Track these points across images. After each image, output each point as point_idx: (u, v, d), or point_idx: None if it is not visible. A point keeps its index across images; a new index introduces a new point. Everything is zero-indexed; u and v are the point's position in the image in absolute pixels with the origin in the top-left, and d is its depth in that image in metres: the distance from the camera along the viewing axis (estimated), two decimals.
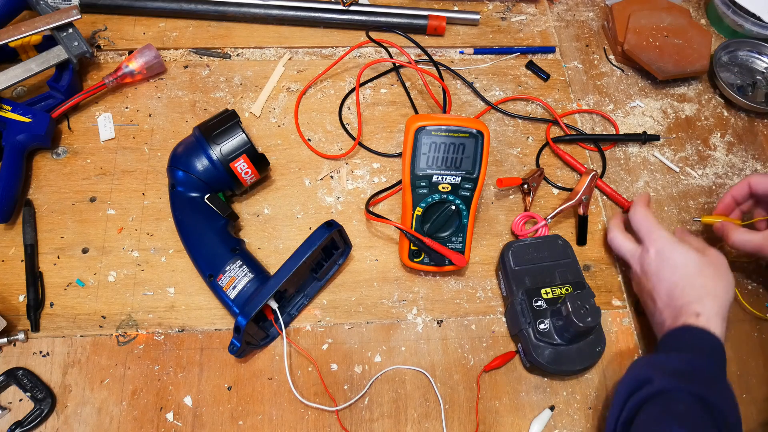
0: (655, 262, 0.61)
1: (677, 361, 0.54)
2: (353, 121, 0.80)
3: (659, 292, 0.60)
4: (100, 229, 0.70)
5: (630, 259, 0.65)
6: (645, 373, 0.54)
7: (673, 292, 0.59)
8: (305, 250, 0.60)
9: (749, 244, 0.65)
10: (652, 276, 0.61)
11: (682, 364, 0.54)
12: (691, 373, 0.53)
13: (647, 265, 0.62)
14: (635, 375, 0.56)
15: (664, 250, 0.61)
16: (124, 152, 0.75)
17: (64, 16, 0.74)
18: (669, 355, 0.56)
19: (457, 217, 0.66)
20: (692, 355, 0.54)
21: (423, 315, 0.68)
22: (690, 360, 0.54)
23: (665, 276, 0.60)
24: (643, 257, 0.63)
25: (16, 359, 0.62)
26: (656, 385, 0.52)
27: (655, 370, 0.54)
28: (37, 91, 0.78)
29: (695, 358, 0.54)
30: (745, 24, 0.88)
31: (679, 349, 0.56)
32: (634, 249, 0.65)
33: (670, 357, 0.55)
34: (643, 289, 0.64)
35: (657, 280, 0.61)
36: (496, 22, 0.91)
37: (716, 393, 0.52)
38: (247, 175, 0.68)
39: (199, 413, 0.61)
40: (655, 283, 0.61)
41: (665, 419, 0.50)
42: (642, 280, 0.63)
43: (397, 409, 0.62)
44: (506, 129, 0.81)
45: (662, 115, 0.84)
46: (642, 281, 0.63)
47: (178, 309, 0.66)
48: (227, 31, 0.86)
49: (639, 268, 0.64)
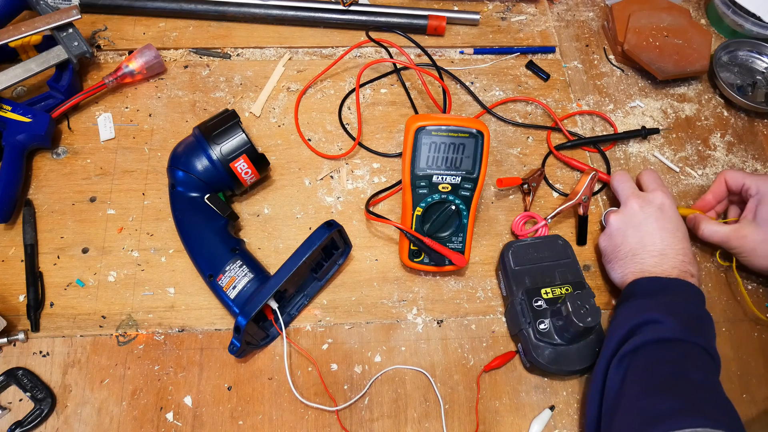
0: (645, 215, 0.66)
1: (682, 307, 0.58)
2: (353, 121, 0.80)
3: (625, 243, 0.65)
4: (100, 229, 0.70)
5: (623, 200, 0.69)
6: (651, 315, 0.57)
7: (639, 242, 0.64)
8: (305, 250, 0.60)
9: (716, 234, 0.68)
10: (621, 231, 0.66)
11: (689, 313, 0.57)
12: (696, 321, 0.57)
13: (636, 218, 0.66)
14: (636, 316, 0.58)
15: (664, 202, 0.66)
16: (124, 152, 0.75)
17: (64, 16, 0.74)
18: (671, 299, 0.59)
19: (457, 217, 0.66)
20: (688, 303, 0.59)
21: (423, 315, 0.68)
22: (690, 308, 0.58)
23: (631, 233, 0.65)
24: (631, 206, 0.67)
25: (16, 359, 0.62)
26: (667, 327, 0.55)
27: (665, 312, 0.56)
28: (37, 91, 0.78)
29: (692, 306, 0.59)
30: (745, 24, 0.88)
31: (673, 295, 0.59)
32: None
33: (674, 303, 0.58)
34: (624, 240, 0.66)
35: (637, 228, 0.65)
36: (496, 22, 0.91)
37: (712, 339, 0.58)
38: (247, 175, 0.68)
39: (199, 413, 0.61)
40: (624, 236, 0.66)
41: (683, 361, 0.53)
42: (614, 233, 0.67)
43: (397, 409, 0.62)
44: (506, 129, 0.81)
45: (662, 115, 0.84)
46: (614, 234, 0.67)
47: (178, 309, 0.66)
48: (227, 31, 0.86)
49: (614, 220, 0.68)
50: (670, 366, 0.53)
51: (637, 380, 0.53)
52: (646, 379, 0.53)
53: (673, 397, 0.50)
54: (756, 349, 0.68)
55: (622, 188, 0.69)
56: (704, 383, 0.52)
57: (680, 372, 0.52)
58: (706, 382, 0.52)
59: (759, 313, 0.69)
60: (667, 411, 0.49)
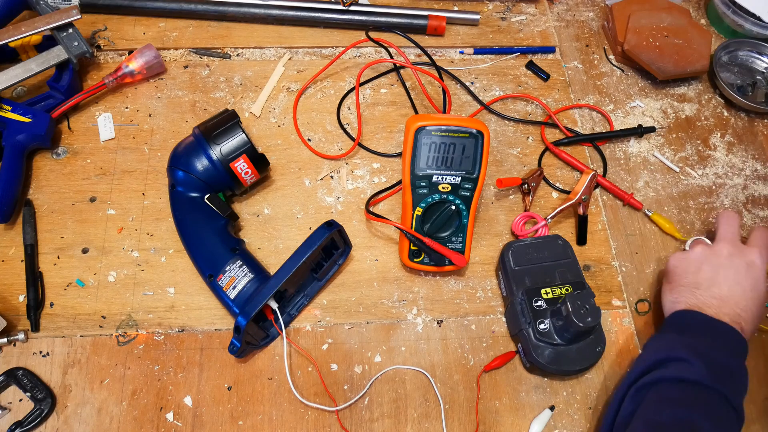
0: (726, 261, 0.63)
1: (713, 354, 0.55)
2: (353, 121, 0.80)
3: (693, 278, 0.63)
4: (100, 229, 0.70)
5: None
6: (680, 352, 0.55)
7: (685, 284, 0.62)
8: (305, 250, 0.60)
9: None
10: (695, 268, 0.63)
11: (718, 360, 0.55)
12: (725, 371, 0.54)
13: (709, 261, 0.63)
14: (668, 349, 0.57)
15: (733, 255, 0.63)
16: (124, 152, 0.75)
17: (64, 16, 0.74)
18: (706, 344, 0.56)
19: (457, 217, 0.66)
20: (728, 352, 0.56)
21: (423, 315, 0.68)
22: (723, 357, 0.55)
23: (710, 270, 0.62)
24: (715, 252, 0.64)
25: (16, 359, 0.62)
26: (692, 372, 0.53)
27: (693, 354, 0.55)
28: (37, 91, 0.78)
29: (730, 356, 0.56)
30: (745, 24, 0.88)
31: (712, 338, 0.57)
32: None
33: (707, 346, 0.56)
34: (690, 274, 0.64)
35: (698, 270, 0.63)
36: (496, 22, 0.91)
37: (740, 393, 0.55)
38: (247, 175, 0.68)
39: (199, 413, 0.61)
40: (706, 275, 0.62)
41: (693, 407, 0.51)
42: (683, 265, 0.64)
43: (397, 409, 0.62)
44: (506, 129, 0.81)
45: (662, 115, 0.84)
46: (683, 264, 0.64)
47: (178, 309, 0.66)
48: (227, 31, 0.86)
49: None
50: (681, 409, 0.51)
51: (644, 416, 0.52)
52: (653, 417, 0.51)
53: None
54: (756, 349, 0.68)
55: (725, 229, 0.66)
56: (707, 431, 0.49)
57: (688, 418, 0.50)
58: (709, 430, 0.49)
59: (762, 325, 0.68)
60: None
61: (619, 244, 0.74)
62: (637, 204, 0.75)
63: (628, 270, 0.72)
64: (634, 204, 0.75)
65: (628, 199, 0.75)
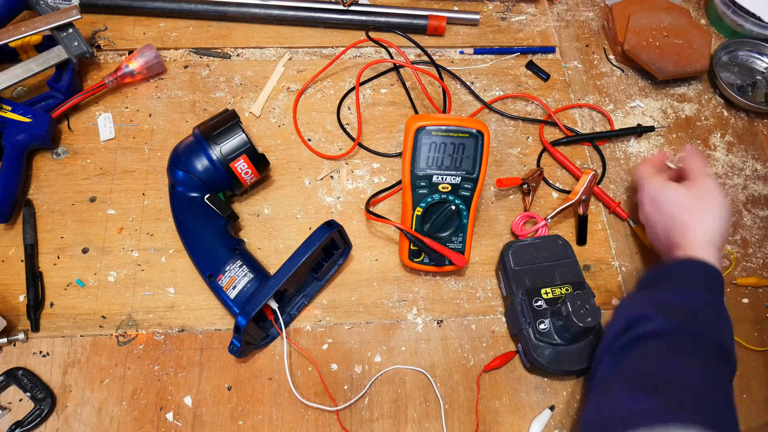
0: (648, 206, 0.66)
1: (674, 299, 0.55)
2: (353, 121, 0.80)
3: (658, 235, 0.65)
4: (100, 229, 0.70)
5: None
6: (643, 310, 0.55)
7: (665, 232, 0.63)
8: (305, 250, 0.60)
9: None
10: (649, 221, 0.66)
11: (680, 303, 0.55)
12: (690, 312, 0.54)
13: (645, 213, 0.67)
14: (632, 310, 0.56)
15: (656, 196, 0.65)
16: (124, 152, 0.75)
17: (64, 16, 0.74)
18: (667, 292, 0.57)
19: (457, 217, 0.66)
20: (687, 291, 0.56)
21: (423, 315, 0.68)
22: (686, 297, 0.55)
23: (658, 219, 0.64)
24: (641, 204, 0.68)
25: (16, 359, 0.62)
26: (656, 323, 0.53)
27: (655, 308, 0.55)
28: (37, 91, 0.78)
29: (690, 294, 0.55)
30: (745, 24, 0.88)
31: (671, 284, 0.57)
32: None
33: (667, 294, 0.56)
34: (650, 235, 0.67)
35: (653, 224, 0.65)
36: (496, 22, 0.91)
37: (717, 329, 0.54)
38: (247, 175, 0.68)
39: (199, 413, 0.61)
40: (652, 226, 0.66)
41: (668, 357, 0.51)
42: (647, 228, 0.68)
43: (397, 409, 0.62)
44: (506, 129, 0.81)
45: (662, 115, 0.84)
46: (647, 229, 0.68)
47: (178, 309, 0.66)
48: (227, 31, 0.86)
49: (641, 216, 0.69)
50: (652, 366, 0.51)
51: (621, 377, 0.52)
52: (630, 376, 0.52)
53: (647, 399, 0.48)
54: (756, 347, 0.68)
55: (694, 167, 0.67)
56: (686, 380, 0.49)
57: (663, 370, 0.50)
58: (689, 378, 0.50)
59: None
60: (640, 411, 0.47)
61: (619, 244, 0.74)
62: (622, 214, 0.75)
63: (628, 270, 0.72)
64: (620, 213, 0.75)
65: (615, 207, 0.75)
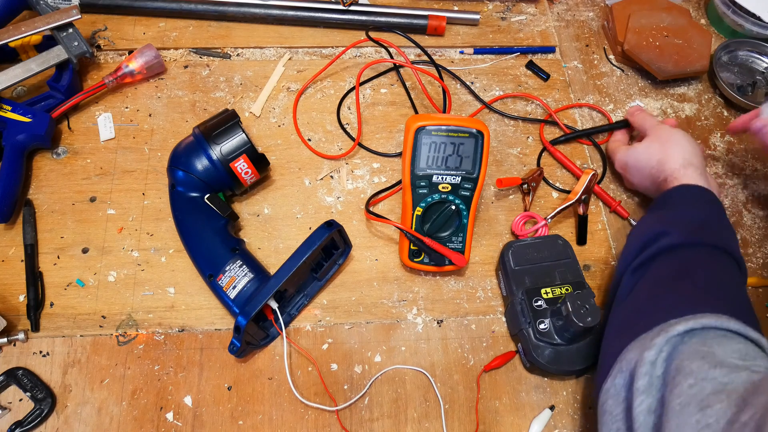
0: (628, 175, 0.73)
1: (684, 215, 0.60)
2: (353, 121, 0.80)
3: (647, 188, 0.71)
4: (100, 229, 0.70)
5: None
6: (658, 228, 0.59)
7: (650, 180, 0.69)
8: (305, 250, 0.60)
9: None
10: (634, 181, 0.72)
11: (691, 218, 0.59)
12: (702, 225, 0.58)
13: (626, 178, 0.74)
14: (648, 229, 0.60)
15: (625, 162, 0.72)
16: (124, 152, 0.75)
17: (64, 16, 0.74)
18: (675, 211, 0.61)
19: (457, 217, 0.66)
20: (693, 208, 0.60)
21: (423, 315, 0.68)
22: (695, 213, 0.60)
23: (639, 175, 0.71)
24: (622, 173, 0.75)
25: (16, 359, 0.62)
26: (674, 237, 0.57)
27: (669, 224, 0.59)
28: (37, 91, 0.78)
29: (696, 210, 0.60)
30: (745, 24, 0.88)
31: (677, 204, 0.62)
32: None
33: (676, 213, 0.61)
34: (642, 190, 0.74)
35: (638, 183, 0.72)
36: (496, 22, 0.91)
37: (727, 240, 0.58)
38: (247, 175, 0.68)
39: (199, 413, 0.61)
40: (638, 185, 0.72)
41: (689, 264, 0.55)
42: (638, 188, 0.74)
43: (397, 409, 0.62)
44: (506, 129, 0.81)
45: (662, 115, 0.84)
46: (638, 188, 0.74)
47: (178, 309, 0.66)
48: (227, 31, 0.86)
49: (626, 183, 0.76)
50: (674, 270, 0.55)
51: (643, 287, 0.56)
52: (652, 284, 0.56)
53: (674, 295, 0.53)
54: None
55: (645, 122, 0.74)
56: (708, 279, 0.54)
57: (684, 274, 0.54)
58: (711, 277, 0.54)
59: None
60: (667, 306, 0.51)
61: (619, 244, 0.74)
62: (623, 213, 0.75)
63: None
64: (621, 212, 0.75)
65: (615, 206, 0.75)
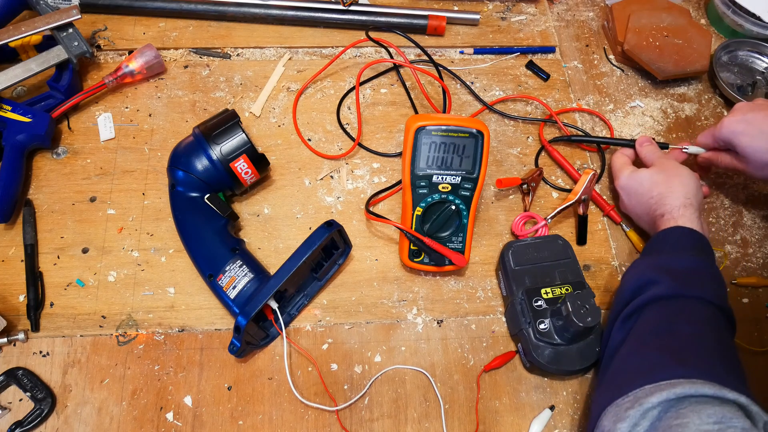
0: (623, 195, 0.72)
1: (676, 263, 0.60)
2: (353, 121, 0.80)
3: (640, 217, 0.70)
4: (100, 229, 0.70)
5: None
6: (649, 274, 0.59)
7: (646, 209, 0.68)
8: (305, 250, 0.60)
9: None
10: (629, 206, 0.71)
11: (683, 267, 0.59)
12: (692, 275, 0.58)
13: (622, 200, 0.72)
14: (640, 274, 0.61)
15: (627, 185, 0.71)
16: (124, 152, 0.75)
17: (64, 16, 0.74)
18: (668, 257, 0.61)
19: (457, 217, 0.66)
20: (684, 255, 0.60)
21: (423, 315, 0.68)
22: (686, 261, 0.60)
23: (635, 202, 0.70)
24: (619, 193, 0.73)
25: (16, 359, 0.62)
26: (663, 287, 0.57)
27: (660, 272, 0.59)
28: (37, 91, 0.78)
29: (688, 258, 0.60)
30: (745, 24, 0.88)
31: (669, 249, 0.62)
32: None
33: (669, 258, 0.61)
34: (634, 218, 0.73)
35: (633, 208, 0.71)
36: (496, 22, 0.91)
37: (716, 292, 0.58)
38: (247, 175, 0.68)
39: (199, 413, 0.61)
40: (633, 210, 0.71)
41: (675, 316, 0.55)
42: (630, 214, 0.73)
43: (397, 409, 0.62)
44: (506, 129, 0.81)
45: (662, 115, 0.84)
46: (630, 214, 0.73)
47: (178, 309, 0.66)
48: (227, 31, 0.86)
49: (621, 205, 0.74)
50: (659, 323, 0.56)
51: (629, 341, 0.56)
52: (635, 339, 0.56)
53: (654, 354, 0.53)
54: (756, 347, 0.68)
55: (652, 155, 0.73)
56: (692, 334, 0.54)
57: (667, 329, 0.55)
58: (694, 332, 0.54)
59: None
60: (648, 366, 0.52)
61: (619, 244, 0.74)
62: (616, 218, 0.74)
63: None
64: (614, 217, 0.74)
65: (608, 210, 0.75)
